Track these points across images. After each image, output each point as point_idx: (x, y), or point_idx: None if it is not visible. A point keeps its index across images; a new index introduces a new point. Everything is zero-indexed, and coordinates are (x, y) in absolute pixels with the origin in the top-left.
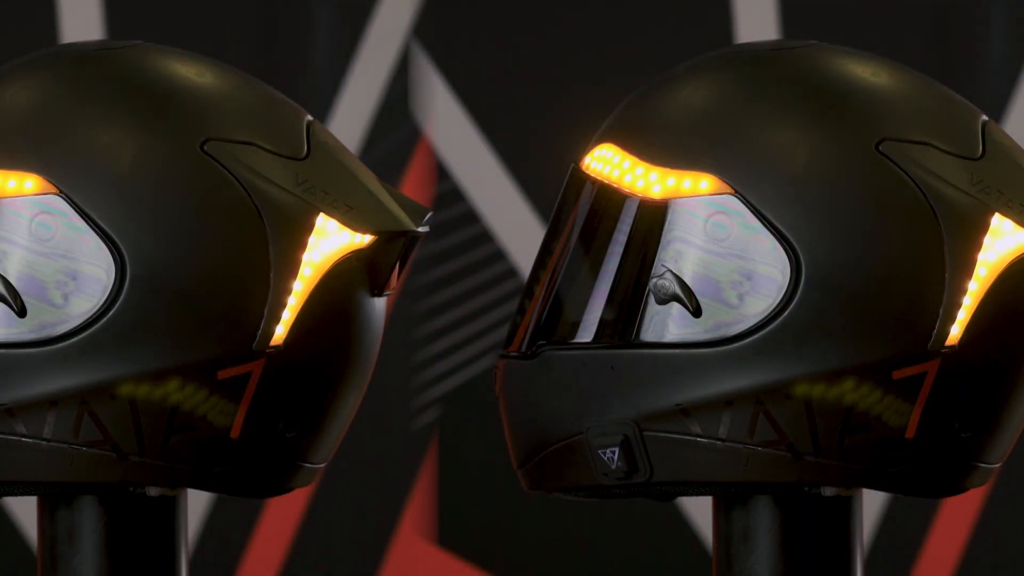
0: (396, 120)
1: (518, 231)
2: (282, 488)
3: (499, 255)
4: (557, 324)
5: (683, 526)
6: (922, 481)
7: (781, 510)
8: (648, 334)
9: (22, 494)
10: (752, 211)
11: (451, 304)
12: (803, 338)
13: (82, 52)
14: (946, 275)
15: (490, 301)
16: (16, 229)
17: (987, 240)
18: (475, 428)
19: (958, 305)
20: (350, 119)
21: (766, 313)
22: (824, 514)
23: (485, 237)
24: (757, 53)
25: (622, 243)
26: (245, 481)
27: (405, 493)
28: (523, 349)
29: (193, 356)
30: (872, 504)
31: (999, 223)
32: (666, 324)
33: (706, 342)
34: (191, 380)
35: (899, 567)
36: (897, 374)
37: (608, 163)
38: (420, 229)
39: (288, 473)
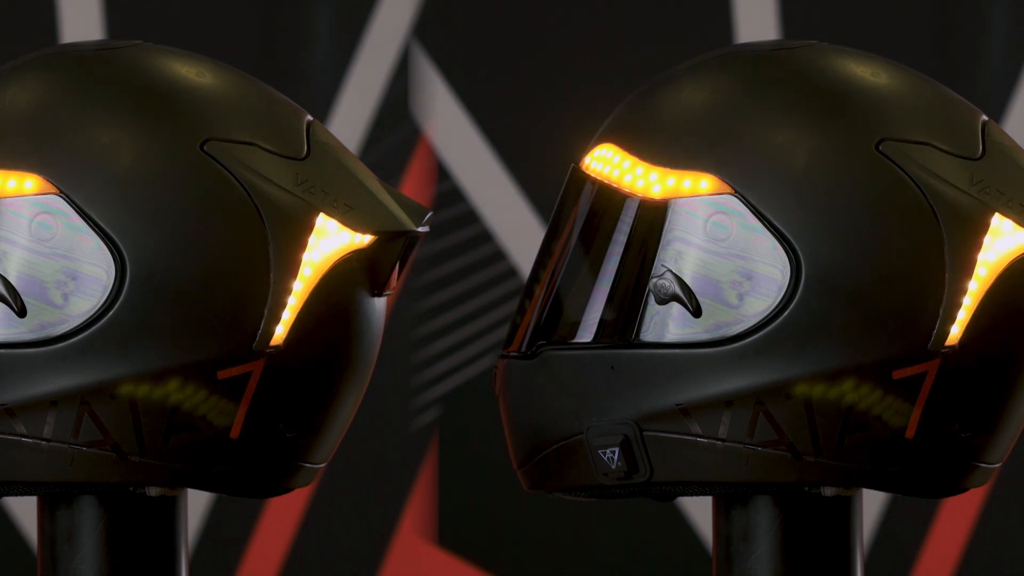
0: (396, 120)
1: (518, 231)
2: (282, 488)
3: (499, 255)
4: (557, 324)
5: (683, 526)
6: (922, 481)
7: (781, 510)
8: (648, 334)
9: (22, 494)
10: (752, 211)
11: (451, 304)
12: (803, 338)
13: (82, 52)
14: (946, 275)
15: (490, 301)
16: (16, 229)
17: (987, 240)
18: (475, 428)
19: (958, 305)
20: (350, 119)
21: (766, 313)
22: (824, 514)
23: (485, 237)
24: (757, 53)
25: (622, 243)
26: (245, 481)
27: (405, 493)
28: (523, 349)
29: (193, 356)
30: (872, 504)
31: (999, 223)
32: (666, 324)
33: (706, 342)
34: (191, 380)
35: (899, 567)
36: (897, 374)
37: (608, 163)
38: (420, 229)
39: (288, 473)
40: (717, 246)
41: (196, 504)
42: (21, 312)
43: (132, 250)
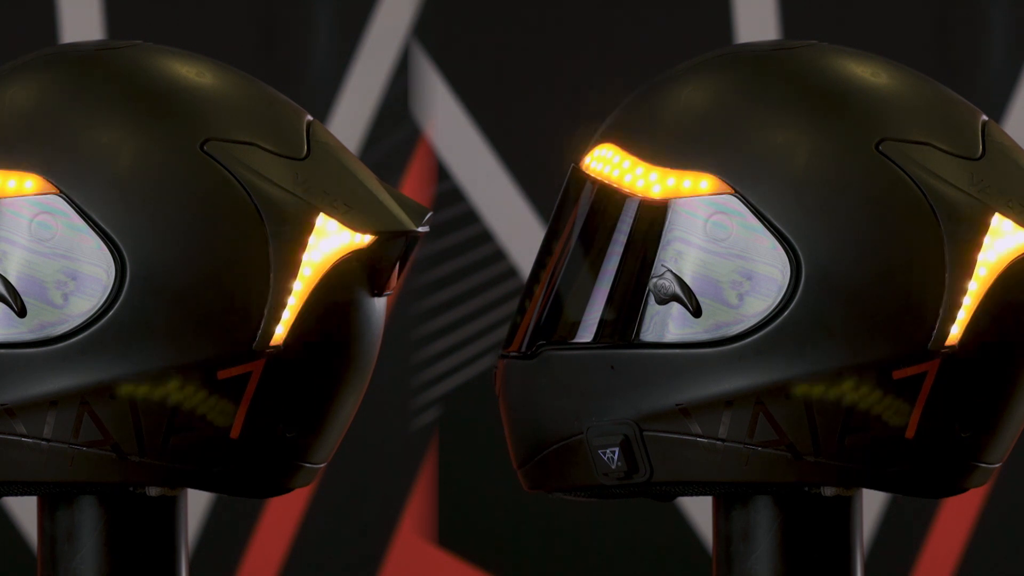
0: (396, 120)
1: (518, 231)
2: (282, 488)
3: (499, 255)
4: (557, 324)
5: (683, 526)
6: (922, 481)
7: (781, 510)
8: (648, 334)
9: (22, 494)
10: (752, 211)
11: (451, 304)
12: (803, 338)
13: (82, 52)
14: (946, 275)
15: (490, 301)
16: (16, 229)
17: (987, 240)
18: (475, 428)
19: (958, 305)
20: (350, 119)
21: (766, 313)
22: (824, 514)
23: (485, 237)
24: (757, 53)
25: (622, 243)
26: (245, 481)
27: (405, 493)
28: (523, 349)
29: (193, 356)
30: (872, 504)
31: (999, 223)
32: (666, 324)
33: (706, 342)
34: (191, 380)
35: (899, 567)
36: (897, 374)
37: (608, 163)
38: (420, 229)
39: (288, 473)
40: (717, 246)
41: (196, 504)
42: (21, 312)
43: (132, 250)
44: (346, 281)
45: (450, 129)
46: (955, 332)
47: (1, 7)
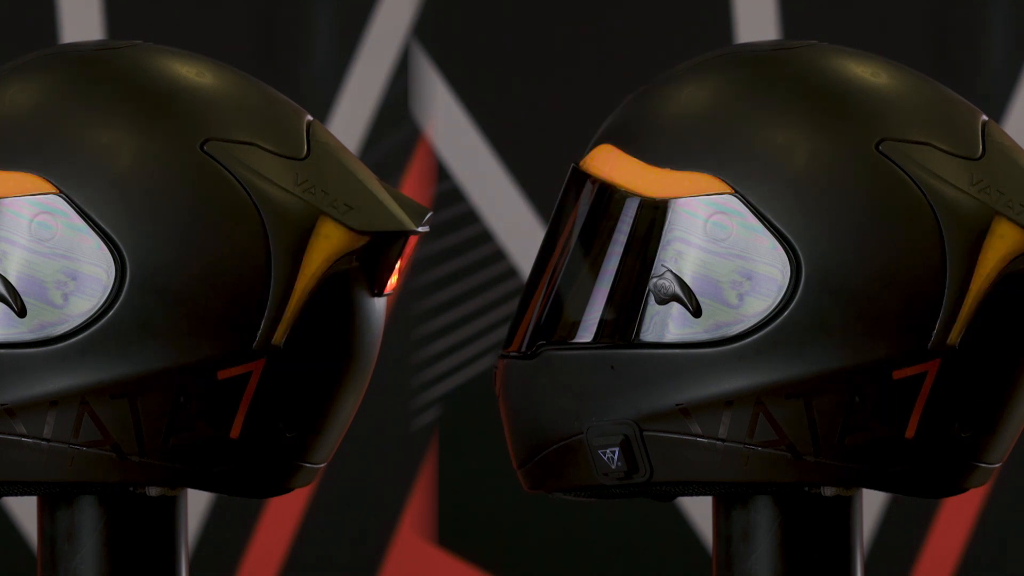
0: (396, 120)
1: (518, 231)
2: (282, 488)
3: (499, 255)
4: (557, 324)
5: (683, 526)
6: (922, 481)
7: (781, 510)
8: (648, 334)
9: (22, 494)
10: (752, 211)
11: (451, 304)
12: (803, 338)
13: (82, 52)
14: (946, 275)
15: (490, 301)
16: (16, 229)
17: (987, 240)
18: (475, 428)
19: (958, 305)
20: (350, 119)
21: (766, 313)
22: (824, 514)
23: (485, 237)
24: (757, 53)
25: (622, 243)
26: (245, 481)
27: (405, 493)
28: (523, 349)
29: (193, 356)
30: (872, 504)
31: (999, 223)
32: (666, 324)
33: (706, 342)
34: (191, 380)
35: (899, 567)
36: (897, 374)
37: (608, 163)
38: (420, 229)
39: (288, 473)
40: (717, 246)
41: (196, 504)
42: (21, 312)
43: (132, 250)
44: (346, 281)
45: (450, 129)
46: (955, 332)
47: (1, 7)
